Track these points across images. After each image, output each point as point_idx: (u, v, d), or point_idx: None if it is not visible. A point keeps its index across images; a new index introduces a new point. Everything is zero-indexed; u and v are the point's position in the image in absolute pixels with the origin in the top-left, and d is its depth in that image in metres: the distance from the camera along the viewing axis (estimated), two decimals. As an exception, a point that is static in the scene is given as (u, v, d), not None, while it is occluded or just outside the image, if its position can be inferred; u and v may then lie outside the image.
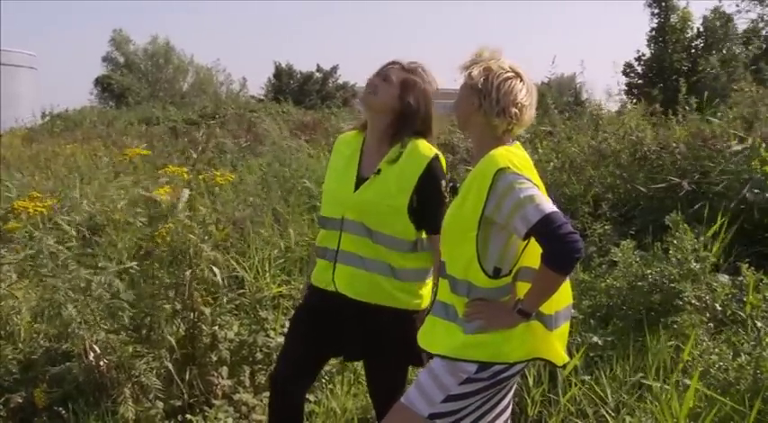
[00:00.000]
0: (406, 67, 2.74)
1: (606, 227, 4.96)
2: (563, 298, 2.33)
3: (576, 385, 3.51)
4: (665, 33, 24.15)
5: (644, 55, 24.95)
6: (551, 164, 6.45)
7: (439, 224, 2.43)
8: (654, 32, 24.61)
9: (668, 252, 4.15)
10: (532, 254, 2.23)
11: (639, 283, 4.01)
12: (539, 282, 2.20)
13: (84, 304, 3.32)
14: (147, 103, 25.54)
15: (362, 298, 2.69)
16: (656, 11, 24.44)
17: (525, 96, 2.28)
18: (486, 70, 2.28)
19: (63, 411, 3.47)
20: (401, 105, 2.68)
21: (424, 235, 2.71)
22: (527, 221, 2.12)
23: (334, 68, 38.74)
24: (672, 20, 24.26)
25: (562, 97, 10.86)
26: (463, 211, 2.26)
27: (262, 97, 33.33)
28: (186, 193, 3.61)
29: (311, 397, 3.82)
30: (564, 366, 2.52)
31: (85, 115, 21.63)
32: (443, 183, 2.66)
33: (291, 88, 35.74)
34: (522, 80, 2.29)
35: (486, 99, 2.26)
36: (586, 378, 3.58)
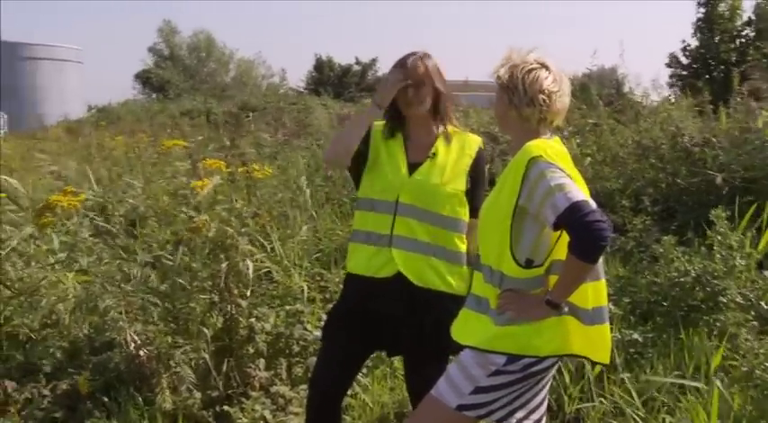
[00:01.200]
0: (424, 59, 2.79)
1: (647, 222, 4.86)
2: (600, 296, 2.30)
3: (614, 383, 3.47)
4: (713, 23, 23.49)
5: (689, 45, 24.34)
6: (588, 158, 6.35)
7: (479, 207, 2.52)
8: (700, 22, 23.97)
9: (712, 248, 4.06)
10: (565, 247, 2.20)
11: (681, 280, 3.94)
12: (566, 270, 2.20)
13: (119, 296, 3.37)
14: (187, 95, 25.86)
15: (421, 282, 2.70)
16: (703, 0, 23.84)
17: (552, 83, 2.30)
18: (512, 67, 2.33)
19: (105, 399, 3.56)
20: (435, 93, 2.78)
21: None
22: (556, 209, 2.11)
23: (374, 61, 38.83)
24: (720, 9, 23.59)
25: (603, 89, 10.65)
26: (499, 200, 2.28)
27: (302, 90, 33.51)
28: (217, 178, 3.64)
29: (348, 391, 3.83)
30: (603, 365, 2.47)
31: (128, 108, 21.99)
32: (487, 168, 2.78)
33: (331, 81, 35.87)
34: (547, 69, 2.31)
35: (514, 93, 2.29)
36: (626, 376, 3.52)
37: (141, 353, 3.64)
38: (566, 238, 2.19)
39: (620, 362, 3.57)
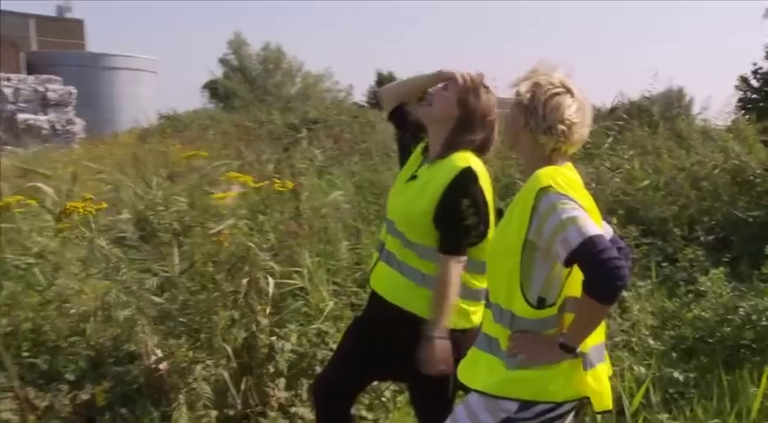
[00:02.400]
0: (463, 77, 2.61)
1: (698, 252, 4.52)
2: (596, 335, 2.09)
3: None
4: (786, 45, 22.58)
5: (761, 68, 23.40)
6: (643, 182, 6.00)
7: (446, 243, 2.38)
8: (773, 44, 23.06)
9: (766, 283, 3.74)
10: (579, 282, 1.99)
11: (730, 317, 3.62)
12: (580, 312, 1.99)
13: (136, 307, 3.29)
14: (252, 106, 26.20)
15: (394, 299, 2.60)
16: (776, 21, 22.94)
17: (575, 113, 2.07)
18: (534, 86, 2.10)
19: (124, 411, 3.47)
20: (458, 113, 2.57)
21: None
22: (568, 245, 1.90)
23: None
24: (796, 28, 22.66)
25: (666, 112, 10.22)
26: (507, 234, 2.08)
27: (364, 104, 33.57)
28: (236, 190, 3.54)
29: (370, 415, 3.67)
30: (601, 412, 2.25)
31: (195, 117, 22.38)
32: (465, 201, 2.47)
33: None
34: (572, 96, 2.08)
35: (532, 116, 2.07)
36: (664, 417, 3.24)
37: (161, 366, 3.55)
38: (578, 272, 1.97)
39: (657, 401, 3.30)
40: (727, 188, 5.59)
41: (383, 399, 3.75)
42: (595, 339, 2.10)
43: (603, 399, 2.11)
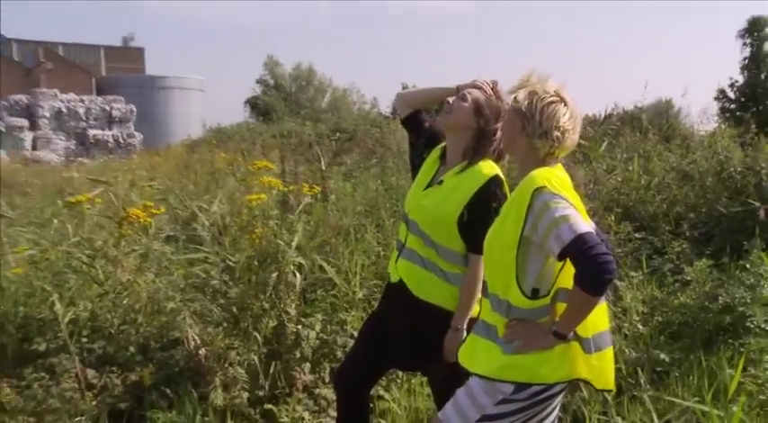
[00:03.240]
0: (482, 87, 2.53)
1: (684, 245, 4.42)
2: (600, 322, 2.03)
3: (639, 400, 3.09)
4: (759, 61, 22.57)
5: (737, 81, 23.19)
6: (636, 182, 5.88)
7: (480, 244, 2.19)
8: (746, 61, 23.02)
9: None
10: (570, 275, 1.93)
11: (710, 305, 3.50)
12: (572, 303, 1.93)
13: (182, 301, 3.26)
14: (288, 119, 26.26)
15: (418, 293, 2.52)
16: (749, 41, 22.91)
17: (568, 121, 2.01)
18: (531, 94, 2.03)
19: (168, 391, 3.44)
20: (476, 123, 2.49)
21: None
22: (561, 241, 1.86)
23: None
24: (766, 48, 22.67)
25: (657, 120, 10.06)
26: (503, 230, 2.02)
27: (388, 115, 33.46)
28: (272, 194, 3.50)
29: (387, 395, 3.59)
30: (608, 391, 2.17)
31: (237, 130, 22.46)
32: (494, 205, 2.37)
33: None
34: (566, 105, 2.02)
35: (529, 122, 2.01)
36: (647, 395, 3.14)
37: (200, 352, 3.51)
38: (570, 265, 1.92)
39: (645, 380, 3.19)
40: (712, 186, 5.46)
41: (399, 380, 3.67)
42: (600, 326, 2.05)
43: (607, 379, 2.06)
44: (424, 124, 2.73)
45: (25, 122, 25.53)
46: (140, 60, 41.83)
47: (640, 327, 3.47)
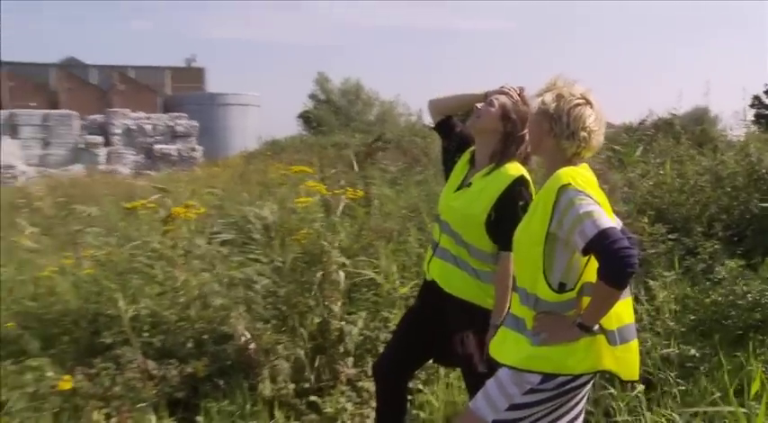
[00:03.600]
0: (508, 93, 2.53)
1: (716, 246, 4.27)
2: (625, 315, 2.00)
3: (669, 395, 2.99)
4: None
5: (773, 89, 22.27)
6: (666, 185, 5.70)
7: (508, 242, 2.18)
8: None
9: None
10: (595, 270, 1.91)
11: (740, 302, 3.38)
12: (596, 296, 1.90)
13: (229, 297, 3.32)
14: (338, 131, 26.51)
15: (450, 289, 2.52)
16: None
17: (594, 122, 2.00)
18: (558, 97, 2.02)
19: (221, 383, 3.50)
20: (503, 127, 2.48)
21: None
22: (585, 236, 1.84)
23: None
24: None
25: (691, 127, 9.78)
26: (531, 226, 2.01)
27: (433, 126, 33.34)
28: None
29: (426, 389, 3.57)
30: (632, 382, 2.13)
31: (291, 142, 22.78)
32: (521, 204, 2.36)
33: (459, 117, 35.42)
34: (591, 107, 2.00)
35: (556, 123, 2.00)
36: (677, 390, 3.04)
37: (250, 346, 3.56)
38: (595, 260, 1.90)
39: (674, 375, 3.10)
40: (744, 187, 5.25)
41: (438, 375, 3.64)
42: (625, 319, 2.02)
43: (632, 370, 2.03)
44: (455, 129, 2.74)
45: (100, 139, 26.57)
46: (202, 79, 42.95)
47: (670, 323, 3.36)
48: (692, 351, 3.15)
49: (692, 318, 3.47)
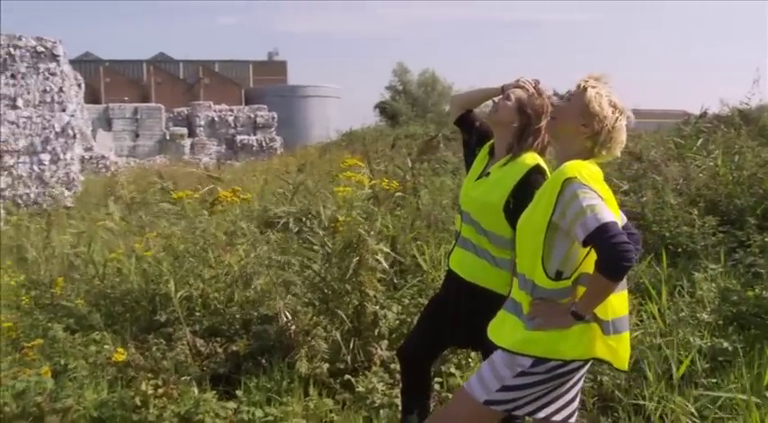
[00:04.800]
0: (524, 86, 2.61)
1: (766, 239, 4.06)
2: (620, 307, 2.03)
3: (702, 386, 2.93)
4: None
5: None
6: (720, 177, 5.44)
7: None
8: None
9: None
10: (593, 262, 1.94)
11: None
12: (592, 286, 1.94)
13: (270, 278, 3.49)
14: (413, 122, 26.56)
15: (469, 277, 2.61)
16: None
17: (623, 133, 2.09)
18: (597, 96, 2.06)
19: (263, 361, 3.71)
20: (519, 120, 2.56)
21: None
22: (586, 229, 1.89)
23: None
24: None
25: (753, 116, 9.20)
26: (534, 214, 2.06)
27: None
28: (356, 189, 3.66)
29: (458, 373, 3.63)
30: (619, 370, 2.14)
31: (367, 132, 23.05)
32: (537, 191, 2.38)
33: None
34: (622, 111, 2.08)
35: (591, 119, 2.05)
36: (709, 381, 2.96)
37: (291, 327, 3.75)
38: (593, 253, 1.94)
39: (704, 367, 3.02)
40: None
41: (469, 359, 3.70)
42: (620, 311, 2.06)
43: (623, 360, 2.07)
44: (475, 123, 2.83)
45: (185, 131, 27.88)
46: (284, 72, 44.14)
47: (705, 316, 3.26)
48: (726, 344, 3.04)
49: (732, 311, 3.34)
